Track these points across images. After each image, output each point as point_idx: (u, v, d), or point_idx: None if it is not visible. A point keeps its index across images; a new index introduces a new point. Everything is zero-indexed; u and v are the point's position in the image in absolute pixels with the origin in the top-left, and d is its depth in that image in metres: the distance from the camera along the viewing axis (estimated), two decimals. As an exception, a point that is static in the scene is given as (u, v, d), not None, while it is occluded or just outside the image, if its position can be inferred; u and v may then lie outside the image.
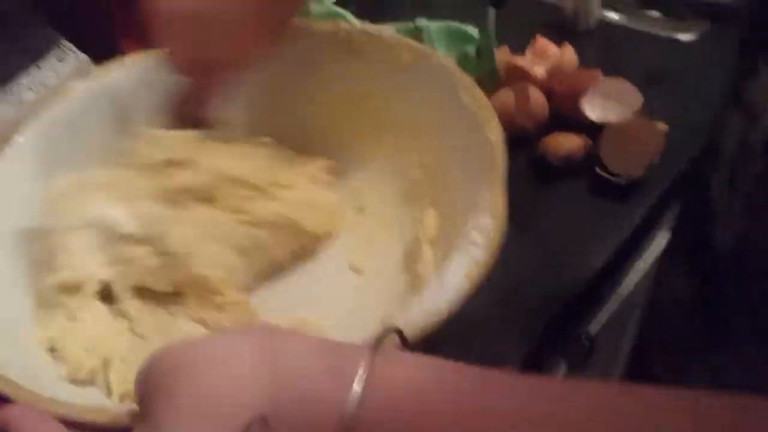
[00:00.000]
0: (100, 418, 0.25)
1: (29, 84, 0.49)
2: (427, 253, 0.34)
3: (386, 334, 0.23)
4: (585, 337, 0.47)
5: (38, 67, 0.49)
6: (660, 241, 0.60)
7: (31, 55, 0.50)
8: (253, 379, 0.20)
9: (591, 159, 0.48)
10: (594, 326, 0.52)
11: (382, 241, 0.40)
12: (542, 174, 0.49)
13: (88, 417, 0.25)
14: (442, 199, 0.37)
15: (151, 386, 0.22)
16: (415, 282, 0.34)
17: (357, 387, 0.19)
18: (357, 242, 0.40)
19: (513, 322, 0.40)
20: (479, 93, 0.36)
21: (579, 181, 0.49)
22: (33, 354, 0.32)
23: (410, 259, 0.36)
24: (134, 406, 0.24)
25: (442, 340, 0.29)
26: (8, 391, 0.26)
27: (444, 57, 0.40)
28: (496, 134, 0.34)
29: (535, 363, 0.41)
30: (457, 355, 0.25)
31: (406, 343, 0.25)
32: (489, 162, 0.33)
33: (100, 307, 0.35)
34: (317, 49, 0.41)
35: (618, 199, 0.48)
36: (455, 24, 0.56)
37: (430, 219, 0.36)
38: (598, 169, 0.48)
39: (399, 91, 0.40)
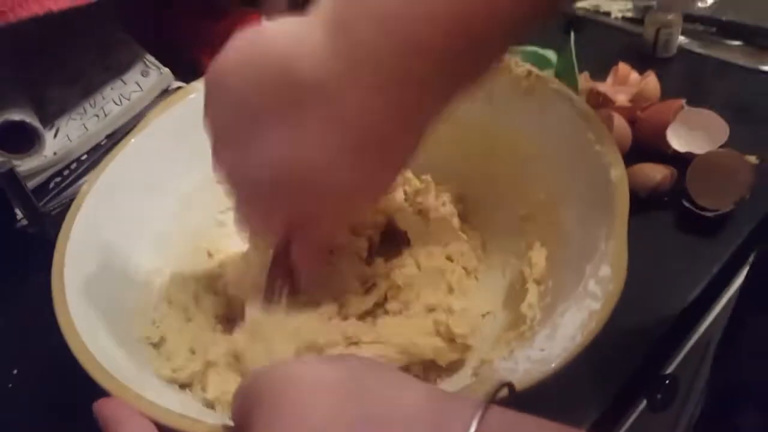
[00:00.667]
0: (196, 429, 0.24)
1: (113, 97, 0.50)
2: (533, 293, 0.32)
3: (499, 388, 0.21)
4: (669, 380, 0.45)
5: (123, 81, 0.51)
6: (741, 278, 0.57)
7: (116, 68, 0.51)
8: (357, 419, 0.19)
9: (677, 191, 0.46)
10: (674, 365, 0.50)
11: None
12: (625, 205, 0.47)
13: (184, 426, 0.24)
14: (553, 238, 0.35)
15: (248, 406, 0.21)
16: (516, 321, 0.33)
17: None
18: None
19: (596, 363, 0.38)
20: (603, 128, 0.34)
21: (664, 214, 0.47)
22: (138, 347, 0.32)
23: (513, 297, 0.35)
24: (229, 421, 0.23)
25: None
26: (111, 389, 0.26)
27: (566, 87, 0.36)
28: (620, 176, 0.31)
29: (618, 406, 0.39)
30: (540, 396, 0.24)
31: (513, 396, 0.23)
32: (610, 206, 0.30)
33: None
34: None
35: (706, 235, 0.45)
36: (532, 48, 0.55)
37: (539, 257, 0.34)
38: (685, 202, 0.46)
39: (516, 118, 0.38)
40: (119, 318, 0.32)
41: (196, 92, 0.41)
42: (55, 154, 0.48)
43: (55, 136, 0.50)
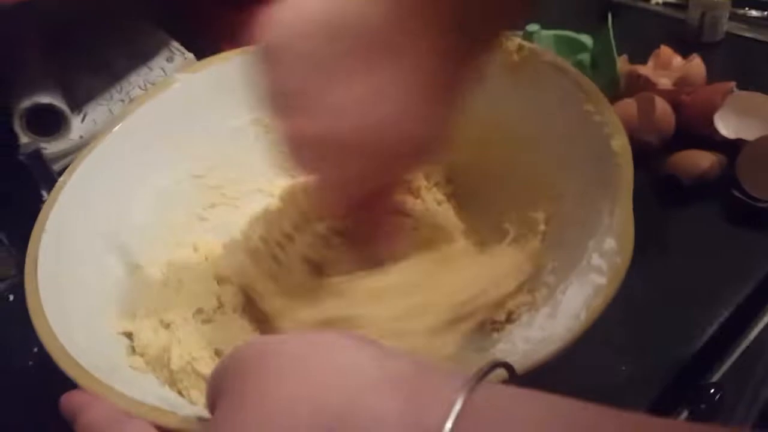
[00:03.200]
0: (166, 421, 0.23)
1: (138, 83, 0.50)
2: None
3: (492, 368, 0.18)
4: (714, 388, 0.41)
5: (149, 67, 0.50)
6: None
7: (142, 55, 0.51)
8: (328, 391, 0.17)
9: (726, 180, 0.43)
10: (721, 371, 0.46)
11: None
12: (669, 195, 0.44)
13: (154, 416, 0.23)
14: (555, 215, 0.32)
15: (220, 387, 0.19)
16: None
17: (449, 424, 0.15)
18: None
19: (635, 369, 0.35)
20: (602, 98, 0.32)
21: (712, 204, 0.43)
22: (114, 340, 0.31)
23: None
24: (206, 412, 0.22)
25: (555, 388, 0.25)
26: (83, 383, 0.25)
27: (561, 59, 0.35)
28: (622, 145, 0.29)
29: (656, 415, 0.36)
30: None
31: (513, 378, 0.20)
32: (613, 176, 0.29)
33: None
34: None
35: (757, 226, 0.42)
36: (566, 33, 0.53)
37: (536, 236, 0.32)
38: (735, 192, 0.43)
39: (509, 94, 0.36)
40: (96, 312, 0.31)
41: (178, 82, 0.39)
42: (81, 137, 0.48)
43: (83, 120, 0.50)
